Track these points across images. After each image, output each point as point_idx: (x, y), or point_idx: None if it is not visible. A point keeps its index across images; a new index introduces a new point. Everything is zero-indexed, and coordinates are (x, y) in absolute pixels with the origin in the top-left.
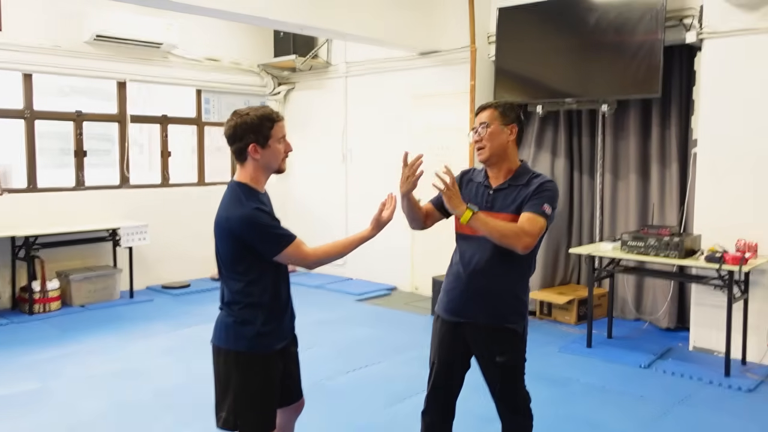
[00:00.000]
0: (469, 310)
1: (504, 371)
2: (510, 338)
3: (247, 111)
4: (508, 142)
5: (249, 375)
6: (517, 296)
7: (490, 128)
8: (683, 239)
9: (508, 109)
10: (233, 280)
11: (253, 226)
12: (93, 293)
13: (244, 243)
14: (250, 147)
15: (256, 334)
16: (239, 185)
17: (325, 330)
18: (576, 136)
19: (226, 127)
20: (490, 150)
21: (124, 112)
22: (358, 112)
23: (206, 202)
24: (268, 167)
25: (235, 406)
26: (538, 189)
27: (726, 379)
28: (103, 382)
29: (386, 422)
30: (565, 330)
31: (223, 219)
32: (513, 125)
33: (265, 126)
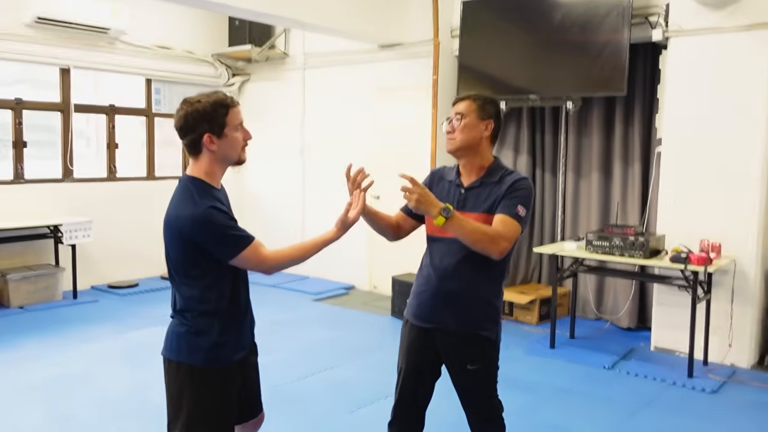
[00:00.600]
0: (439, 315)
1: (476, 380)
2: (482, 346)
3: (198, 98)
4: (482, 138)
5: (204, 391)
6: (490, 302)
7: (465, 120)
8: (648, 239)
9: (488, 103)
10: (186, 286)
11: (207, 226)
12: (33, 294)
13: (196, 245)
14: (204, 138)
15: (213, 345)
16: (192, 180)
17: (282, 332)
18: (539, 133)
19: (177, 117)
20: (460, 142)
21: (67, 101)
22: (316, 106)
23: (156, 197)
24: (226, 159)
25: (188, 424)
26: (511, 188)
27: (689, 380)
28: (42, 392)
29: (350, 428)
30: (527, 330)
31: (173, 218)
32: (489, 121)
33: (219, 113)
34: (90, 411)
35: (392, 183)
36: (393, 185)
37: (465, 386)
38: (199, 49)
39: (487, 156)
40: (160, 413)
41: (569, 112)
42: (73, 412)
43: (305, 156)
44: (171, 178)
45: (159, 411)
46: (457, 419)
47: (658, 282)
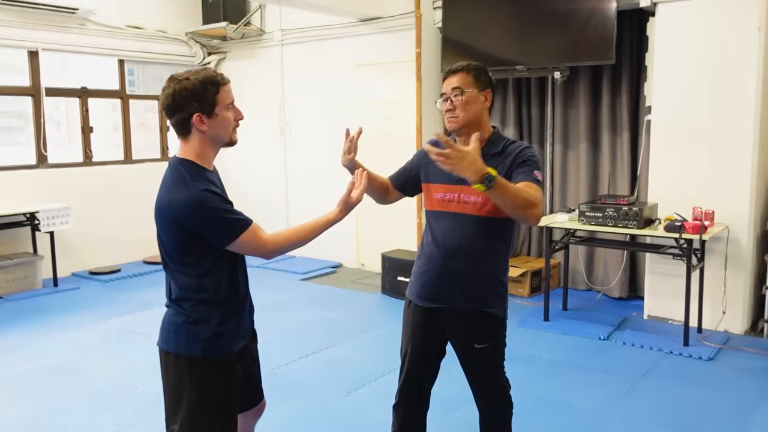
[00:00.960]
0: (445, 294)
1: (483, 358)
2: (490, 323)
3: (186, 75)
4: (483, 109)
5: (205, 382)
6: (497, 278)
7: (466, 95)
8: (642, 209)
9: (481, 72)
10: (181, 274)
11: (201, 211)
12: (12, 283)
13: (191, 231)
14: (194, 117)
15: (212, 334)
16: (183, 163)
17: (272, 314)
18: (525, 105)
19: (163, 96)
20: (465, 119)
21: (38, 85)
22: (296, 83)
23: (134, 180)
24: (217, 140)
25: (190, 418)
26: (520, 157)
27: (685, 349)
28: (27, 383)
29: (349, 410)
30: (520, 303)
31: (165, 203)
32: (487, 90)
33: (209, 91)
34: (79, 402)
35: (377, 159)
36: (377, 160)
37: (472, 365)
38: (171, 27)
39: (487, 127)
40: (151, 402)
41: (556, 82)
42: (61, 404)
43: (286, 135)
44: (149, 161)
45: (150, 400)
46: (454, 397)
47: (651, 251)
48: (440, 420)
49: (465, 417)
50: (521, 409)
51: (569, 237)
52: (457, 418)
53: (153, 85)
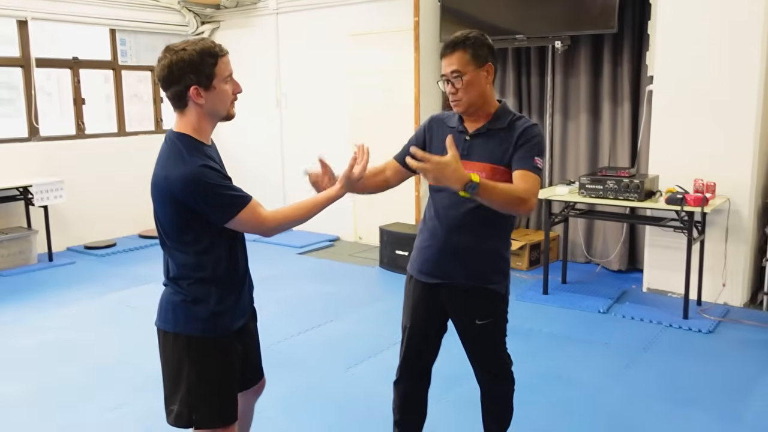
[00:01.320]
0: (446, 269)
1: (484, 334)
2: (492, 299)
3: (183, 46)
4: (486, 86)
5: (204, 362)
6: (499, 253)
7: (466, 77)
8: (643, 181)
9: (479, 45)
10: (179, 252)
11: (199, 187)
12: (6, 258)
13: (189, 208)
14: (191, 90)
15: (211, 314)
16: (180, 137)
17: (269, 288)
18: (525, 75)
19: (159, 67)
20: (469, 101)
21: (27, 56)
22: (291, 53)
23: (128, 153)
24: (214, 113)
25: (189, 398)
26: (523, 138)
27: (685, 322)
28: (24, 360)
29: (349, 386)
30: (519, 276)
31: (161, 179)
32: (488, 64)
33: (207, 63)
34: (77, 377)
35: (374, 131)
36: (375, 132)
37: (473, 341)
38: None
39: (492, 101)
40: (149, 379)
41: (557, 51)
42: (58, 380)
43: (282, 106)
44: (143, 133)
45: (148, 375)
46: (455, 373)
47: (651, 224)
48: (442, 396)
49: (466, 393)
50: (521, 384)
51: (569, 210)
52: (459, 394)
53: (146, 56)
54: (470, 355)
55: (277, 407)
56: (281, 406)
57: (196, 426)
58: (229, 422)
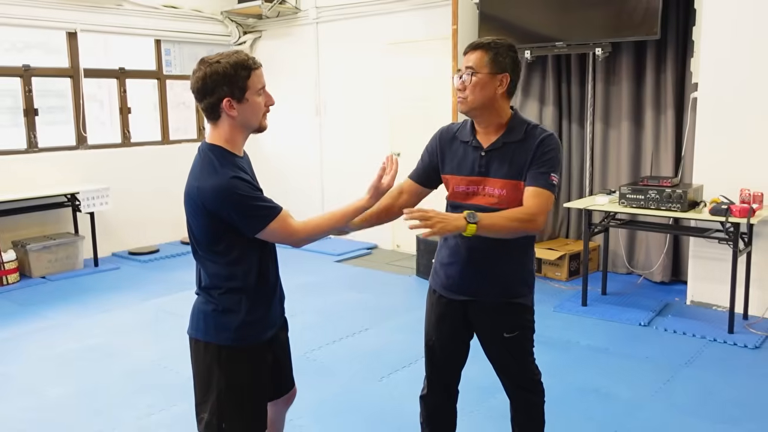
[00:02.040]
0: (472, 287)
1: (512, 347)
2: (518, 313)
3: (217, 58)
4: (496, 94)
5: (235, 371)
6: (524, 266)
7: (477, 76)
8: (686, 191)
9: (502, 52)
10: (211, 262)
11: (230, 198)
12: (54, 263)
13: (220, 219)
14: (224, 102)
15: (241, 323)
16: (212, 148)
17: (306, 295)
18: (565, 82)
19: (194, 79)
20: (472, 102)
21: (76, 66)
22: (331, 62)
23: (171, 161)
24: (247, 125)
25: (219, 407)
26: (539, 151)
27: (730, 336)
28: (69, 362)
29: (381, 396)
30: (557, 287)
31: (194, 190)
32: (504, 74)
33: (240, 76)
34: (116, 382)
35: (413, 139)
36: (414, 141)
37: (501, 354)
38: (207, 7)
39: (505, 111)
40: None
41: (597, 59)
42: (99, 383)
43: (322, 114)
44: (186, 142)
45: (184, 382)
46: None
47: (695, 235)
48: (475, 407)
49: (500, 405)
50: (557, 397)
51: (609, 220)
52: (493, 406)
53: (189, 65)
54: (498, 368)
55: (309, 415)
56: (313, 415)
57: None
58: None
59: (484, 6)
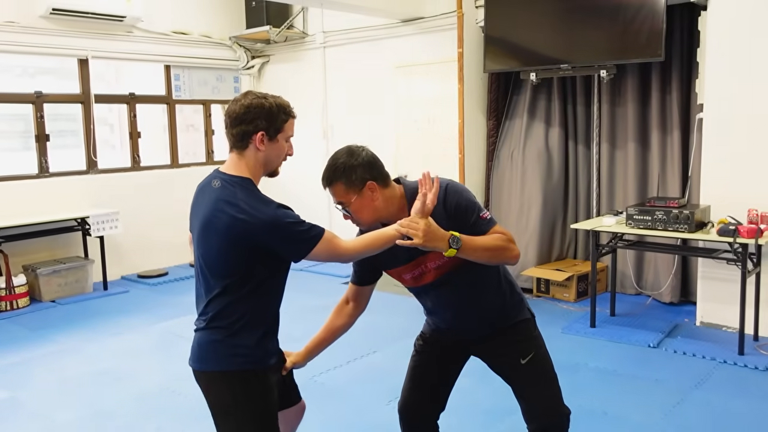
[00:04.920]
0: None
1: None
2: (522, 330)
3: (265, 95)
4: (376, 201)
5: (252, 395)
6: (506, 296)
7: (351, 206)
8: (693, 212)
9: (350, 171)
10: (225, 292)
11: (281, 227)
12: (64, 287)
13: (260, 249)
14: (258, 135)
15: (254, 348)
16: (244, 181)
17: (313, 318)
18: (571, 104)
19: (237, 105)
20: (368, 221)
21: (87, 92)
22: (338, 85)
23: (181, 184)
24: (268, 164)
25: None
26: (450, 209)
27: (740, 358)
28: (78, 387)
29: (389, 420)
30: (565, 308)
31: (237, 221)
32: (368, 182)
33: (280, 118)
34: (126, 405)
35: (420, 161)
36: (421, 163)
37: (524, 384)
38: (216, 32)
39: (396, 195)
40: (195, 407)
41: (602, 80)
42: (109, 407)
43: (329, 138)
44: (195, 165)
45: (194, 405)
46: (497, 407)
47: (703, 256)
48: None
49: (510, 428)
50: None
51: (617, 241)
52: (503, 429)
53: (198, 90)
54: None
55: None
56: None
57: None
58: None
59: (489, 29)
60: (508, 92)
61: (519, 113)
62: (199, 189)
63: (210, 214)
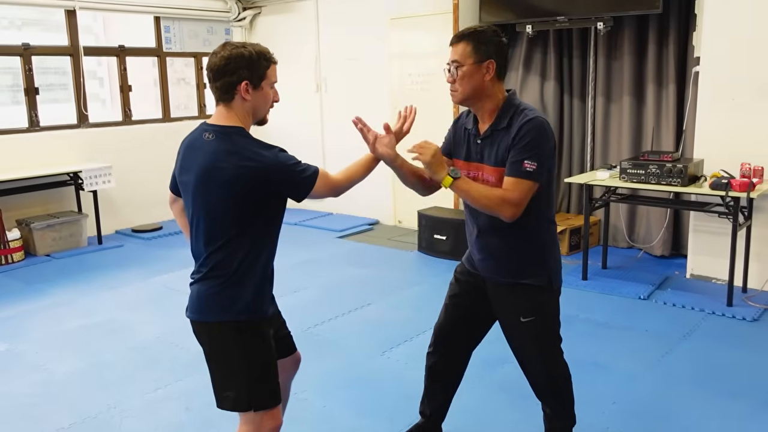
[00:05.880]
0: (483, 266)
1: (529, 335)
2: (531, 296)
3: (243, 44)
4: (485, 81)
5: (252, 345)
6: (535, 247)
7: (463, 69)
8: (686, 165)
9: (484, 40)
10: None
11: (285, 170)
12: (58, 241)
13: (264, 194)
14: (241, 85)
15: (252, 299)
16: (239, 130)
17: (309, 271)
18: (567, 57)
19: (217, 57)
20: (462, 93)
21: (76, 44)
22: (331, 38)
23: (173, 139)
24: (255, 113)
25: (246, 382)
26: (517, 137)
27: (729, 309)
28: (75, 339)
29: (383, 370)
30: None
31: (246, 169)
32: (490, 61)
33: (261, 64)
34: (122, 357)
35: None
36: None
37: (519, 344)
38: None
39: (497, 96)
40: (192, 359)
41: (599, 33)
42: (106, 359)
43: (322, 91)
44: (187, 119)
45: (191, 357)
46: (495, 357)
47: (695, 209)
48: (479, 380)
49: (505, 376)
50: None
51: (610, 195)
52: (498, 378)
53: (189, 42)
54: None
55: (312, 389)
56: (316, 388)
57: (256, 408)
58: (279, 401)
59: None
60: None
61: (514, 67)
62: (187, 144)
63: (210, 166)
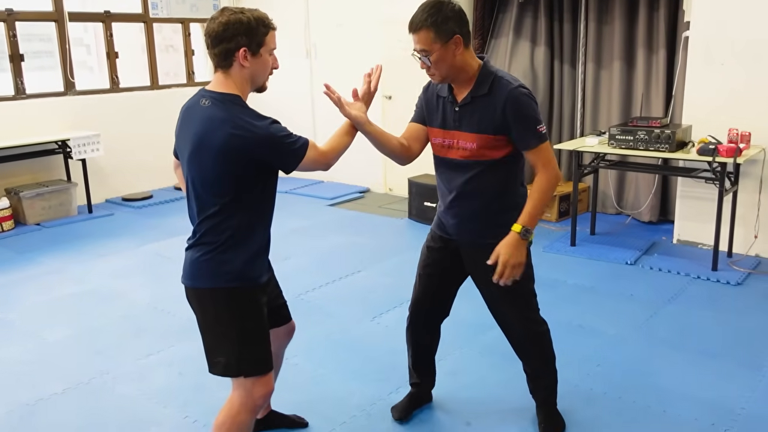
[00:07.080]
0: (459, 231)
1: (505, 292)
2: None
3: (241, 10)
4: (456, 56)
5: (244, 312)
6: (507, 211)
7: (433, 55)
8: (674, 131)
9: (444, 20)
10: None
11: (276, 141)
12: (48, 210)
13: (255, 163)
14: (240, 51)
15: (244, 266)
16: (235, 98)
17: (299, 239)
18: (557, 22)
19: (215, 23)
20: (441, 75)
21: (61, 9)
22: (321, 3)
23: (162, 106)
24: (254, 80)
25: (237, 348)
26: (513, 110)
27: (714, 274)
28: (67, 307)
29: (371, 335)
30: (546, 228)
31: (236, 138)
32: (455, 36)
33: (260, 31)
34: (114, 324)
35: (407, 82)
36: (408, 85)
37: (495, 301)
38: None
39: (471, 65)
40: (183, 326)
41: None
42: (97, 326)
43: (312, 57)
44: (176, 86)
45: (182, 324)
46: (479, 321)
47: (683, 175)
48: (465, 344)
49: (491, 340)
50: None
51: (599, 161)
52: (484, 342)
53: (176, 8)
54: (497, 318)
55: (303, 354)
56: (307, 354)
57: (246, 374)
58: (270, 368)
59: None
60: (494, 10)
61: (505, 32)
62: (185, 109)
63: (203, 132)
